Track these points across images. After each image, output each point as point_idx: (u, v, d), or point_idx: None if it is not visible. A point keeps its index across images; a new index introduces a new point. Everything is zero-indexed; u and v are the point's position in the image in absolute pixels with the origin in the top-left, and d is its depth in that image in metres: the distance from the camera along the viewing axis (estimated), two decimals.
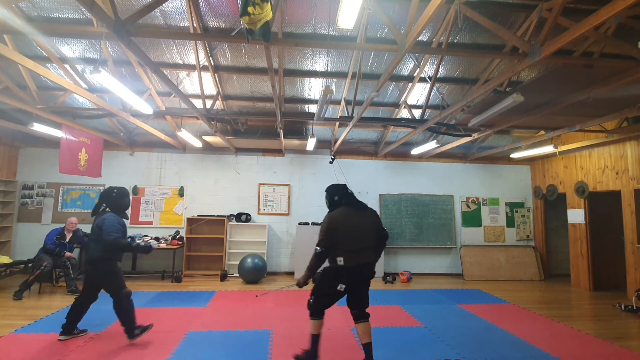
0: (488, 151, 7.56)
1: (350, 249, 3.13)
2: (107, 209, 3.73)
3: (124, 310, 3.63)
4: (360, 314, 3.20)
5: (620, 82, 3.83)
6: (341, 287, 3.11)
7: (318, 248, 3.14)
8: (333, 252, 3.14)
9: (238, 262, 6.93)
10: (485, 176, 8.40)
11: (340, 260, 3.10)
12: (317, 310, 3.23)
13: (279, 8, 3.95)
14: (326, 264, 3.24)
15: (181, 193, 7.67)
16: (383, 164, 8.25)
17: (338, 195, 3.34)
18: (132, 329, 3.64)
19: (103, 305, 4.99)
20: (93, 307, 4.88)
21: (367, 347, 3.14)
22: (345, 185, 3.44)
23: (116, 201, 3.76)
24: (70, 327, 3.77)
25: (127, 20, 3.02)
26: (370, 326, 3.22)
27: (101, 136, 6.68)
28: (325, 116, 5.44)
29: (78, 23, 4.28)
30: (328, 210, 3.36)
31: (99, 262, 3.57)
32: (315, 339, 3.23)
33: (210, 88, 5.73)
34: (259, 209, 7.82)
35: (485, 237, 8.19)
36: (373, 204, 8.06)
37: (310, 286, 3.48)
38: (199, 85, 5.33)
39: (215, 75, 5.37)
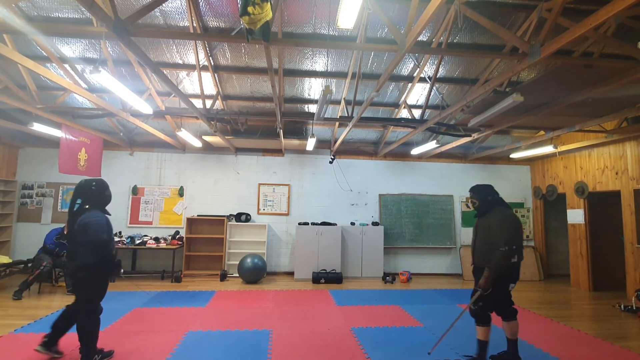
0: (488, 151, 7.56)
1: (521, 243, 3.16)
2: (87, 206, 3.17)
3: (89, 327, 3.08)
4: (511, 313, 3.25)
5: (620, 82, 3.84)
6: (512, 286, 3.11)
7: (514, 247, 3.03)
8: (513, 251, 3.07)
9: (238, 262, 6.93)
10: (485, 176, 8.40)
11: (515, 258, 3.07)
12: (483, 316, 3.21)
13: (279, 8, 3.95)
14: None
15: (181, 193, 7.67)
16: (383, 164, 8.25)
17: (491, 195, 3.36)
18: (90, 352, 3.09)
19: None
20: None
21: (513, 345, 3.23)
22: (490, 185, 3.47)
23: (96, 196, 3.24)
24: (54, 339, 3.25)
25: (127, 20, 3.02)
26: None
27: (101, 136, 6.68)
28: (325, 116, 5.45)
29: (78, 23, 4.28)
30: (476, 210, 3.40)
31: (92, 268, 3.06)
32: (483, 345, 3.26)
33: (210, 88, 5.73)
34: (258, 209, 7.82)
35: None
36: (373, 204, 8.08)
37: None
38: (199, 85, 5.32)
39: (215, 75, 5.37)
